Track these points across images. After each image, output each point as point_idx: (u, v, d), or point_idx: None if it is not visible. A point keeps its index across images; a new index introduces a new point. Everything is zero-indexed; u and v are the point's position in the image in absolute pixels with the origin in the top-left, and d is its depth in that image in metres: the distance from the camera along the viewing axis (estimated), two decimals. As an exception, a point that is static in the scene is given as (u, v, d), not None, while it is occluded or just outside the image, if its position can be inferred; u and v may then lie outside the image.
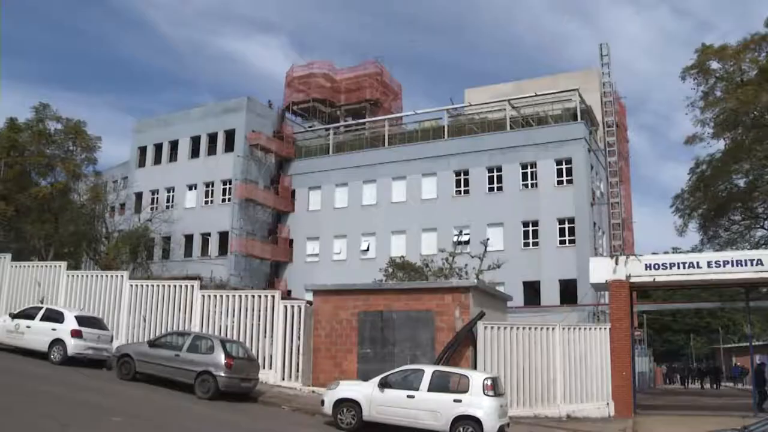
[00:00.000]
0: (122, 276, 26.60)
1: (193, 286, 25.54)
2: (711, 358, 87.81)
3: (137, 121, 62.08)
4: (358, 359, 23.27)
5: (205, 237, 54.56)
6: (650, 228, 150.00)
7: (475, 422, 16.27)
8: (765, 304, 44.22)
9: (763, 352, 60.96)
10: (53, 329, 21.85)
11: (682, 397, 41.54)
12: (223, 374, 19.38)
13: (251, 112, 55.32)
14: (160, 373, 20.23)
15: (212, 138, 55.86)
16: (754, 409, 25.80)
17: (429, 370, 17.66)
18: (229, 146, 54.73)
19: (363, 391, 17.50)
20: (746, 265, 24.74)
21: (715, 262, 25.18)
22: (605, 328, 25.26)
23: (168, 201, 56.42)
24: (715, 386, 54.57)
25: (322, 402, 18.00)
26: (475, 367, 21.90)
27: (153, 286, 26.15)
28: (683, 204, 38.36)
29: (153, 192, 57.29)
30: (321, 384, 21.99)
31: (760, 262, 24.73)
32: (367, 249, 51.58)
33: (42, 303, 24.75)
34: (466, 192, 49.61)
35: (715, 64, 35.17)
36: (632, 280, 25.55)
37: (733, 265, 24.87)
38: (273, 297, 24.74)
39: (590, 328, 25.65)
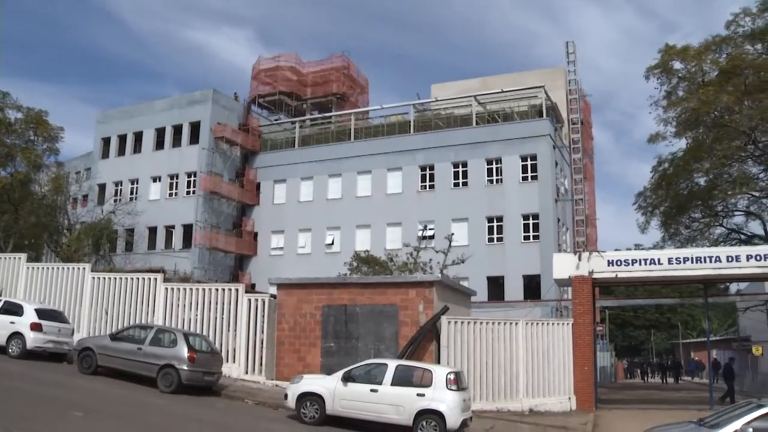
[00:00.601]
0: (84, 268, 26.35)
1: (156, 279, 25.35)
2: (671, 353, 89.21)
3: (101, 112, 61.33)
4: (322, 353, 23.25)
5: (169, 229, 54.16)
6: (613, 225, 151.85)
7: (437, 416, 16.33)
8: (722, 301, 45.08)
9: (720, 347, 62.03)
10: (12, 322, 21.62)
11: (642, 392, 42.14)
12: (186, 368, 19.30)
13: (217, 104, 54.95)
14: (122, 366, 20.08)
15: (177, 130, 55.42)
16: (711, 402, 26.27)
17: (392, 364, 17.69)
18: (195, 138, 54.34)
19: (326, 385, 17.48)
20: (705, 262, 25.22)
21: (676, 259, 25.63)
22: (568, 324, 25.54)
23: (132, 193, 55.94)
24: (675, 380, 55.36)
25: (286, 396, 17.94)
26: (438, 362, 22.00)
27: (115, 278, 25.93)
28: (645, 201, 38.79)
29: (116, 184, 56.74)
30: (284, 378, 21.95)
31: (718, 259, 25.22)
32: (332, 243, 51.54)
33: (0, 296, 24.44)
34: (432, 187, 49.75)
35: (677, 65, 35.62)
36: (595, 276, 25.88)
37: (692, 262, 25.33)
38: (237, 290, 24.63)
39: (553, 323, 25.90)
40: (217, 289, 24.98)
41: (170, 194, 54.94)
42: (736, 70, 32.47)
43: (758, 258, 24.96)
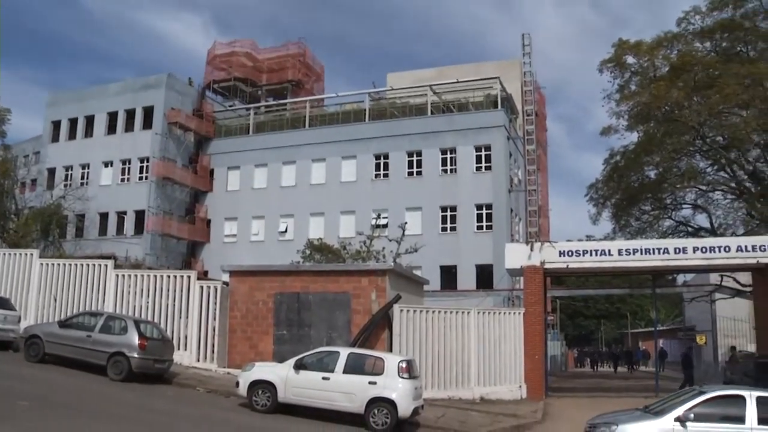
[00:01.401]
0: (32, 254, 25.87)
1: (106, 266, 25.05)
2: (620, 342, 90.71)
3: (51, 94, 60.08)
4: (274, 341, 23.23)
5: (121, 215, 53.43)
6: (566, 216, 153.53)
7: (389, 404, 16.45)
8: (670, 291, 45.95)
9: (667, 336, 63.37)
10: (-45, 309, 21.23)
11: (592, 380, 42.86)
12: (136, 355, 19.13)
13: (171, 89, 54.30)
14: (70, 354, 19.82)
15: (130, 114, 54.62)
16: (657, 389, 26.84)
17: (344, 352, 17.76)
18: (148, 123, 53.61)
19: (278, 373, 17.50)
20: (654, 253, 25.78)
21: (626, 250, 26.16)
22: (519, 313, 25.90)
23: (82, 178, 54.96)
24: (629, 369, 56.07)
25: (237, 384, 17.92)
26: (390, 350, 22.11)
27: (65, 264, 25.53)
28: (597, 193, 39.29)
29: (67, 168, 55.76)
30: (236, 365, 21.88)
31: (666, 251, 25.78)
32: (285, 230, 51.38)
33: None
34: (386, 176, 49.84)
35: (630, 59, 36.07)
36: (546, 266, 26.26)
37: (642, 254, 25.87)
38: (189, 277, 24.47)
39: (505, 313, 26.23)
40: (168, 276, 24.77)
41: (122, 180, 54.17)
42: (686, 66, 33.04)
43: (704, 250, 25.59)
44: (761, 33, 33.11)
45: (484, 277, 44.80)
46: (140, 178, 53.20)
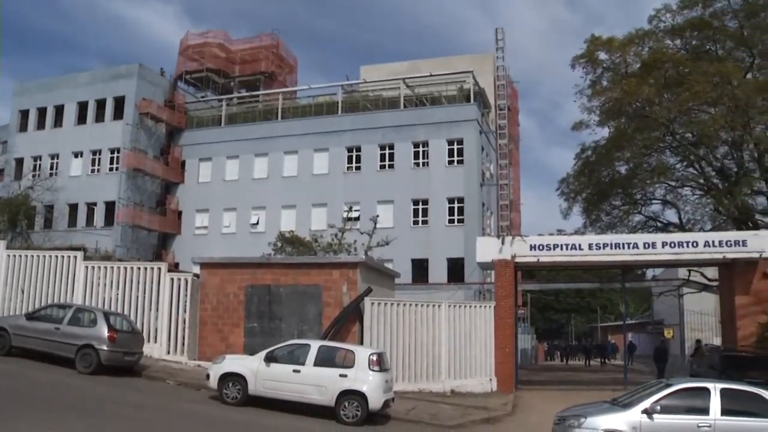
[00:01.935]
0: (-1, 245, 25.64)
1: (76, 257, 24.87)
2: (590, 336, 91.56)
3: (18, 83, 59.15)
4: (245, 333, 23.23)
5: (91, 207, 52.91)
6: (537, 210, 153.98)
7: (360, 397, 16.53)
8: (639, 286, 46.45)
9: (636, 330, 64.07)
10: None
11: (562, 373, 43.24)
12: (105, 348, 19.03)
13: (142, 79, 53.77)
14: (38, 347, 19.68)
15: (100, 104, 53.98)
16: (625, 382, 27.15)
17: (315, 344, 17.80)
18: (118, 114, 53.03)
19: (249, 366, 17.49)
20: (623, 248, 26.12)
21: (596, 245, 26.47)
22: (490, 306, 26.11)
23: (51, 168, 54.22)
24: (602, 363, 56.41)
25: (208, 376, 17.88)
26: (361, 343, 22.21)
27: (33, 256, 25.29)
28: (568, 188, 39.43)
29: (35, 158, 54.97)
30: (207, 358, 21.86)
31: (635, 246, 26.12)
32: (257, 223, 51.21)
33: None
34: (358, 168, 49.80)
35: (603, 55, 36.22)
36: (517, 260, 26.49)
37: (612, 248, 26.20)
38: (159, 269, 24.40)
39: (475, 306, 26.45)
40: (139, 268, 24.70)
41: (92, 170, 53.59)
42: (657, 63, 33.30)
43: (672, 245, 25.96)
44: (729, 32, 33.47)
45: (456, 270, 44.96)
46: (111, 169, 52.63)
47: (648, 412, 12.89)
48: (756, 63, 33.25)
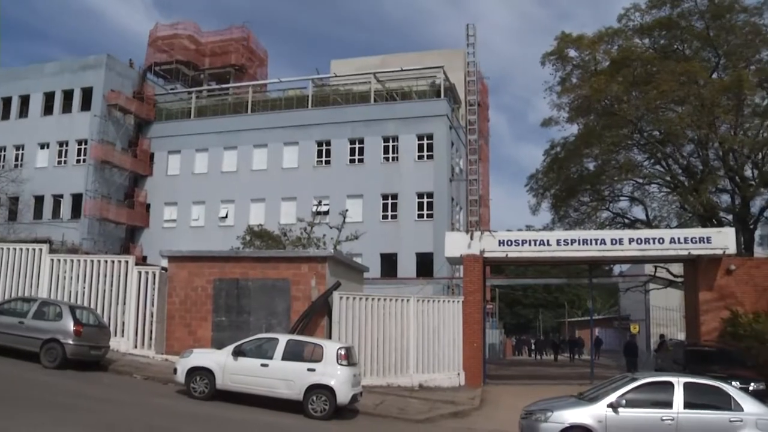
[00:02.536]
0: (-38, 237, 25.29)
1: (41, 250, 24.59)
2: (557, 330, 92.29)
3: (-18, 72, 58.35)
4: (213, 327, 23.12)
5: (57, 199, 52.33)
6: (506, 206, 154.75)
7: (328, 391, 16.54)
8: (606, 281, 46.88)
9: (603, 325, 64.69)
10: None
11: (529, 368, 43.53)
12: (71, 342, 18.79)
13: (111, 70, 53.22)
14: (2, 341, 19.30)
15: (68, 95, 53.37)
16: (591, 377, 27.39)
17: (283, 338, 17.77)
18: (86, 105, 52.48)
19: (217, 360, 17.41)
20: (591, 244, 26.34)
21: (564, 241, 26.67)
22: (458, 301, 26.23)
23: (17, 159, 53.44)
24: (571, 358, 56.64)
25: (175, 370, 17.78)
26: (330, 337, 22.19)
27: (-4, 248, 24.99)
28: (537, 184, 39.69)
29: (-1, 149, 54.34)
30: (175, 352, 21.72)
31: (603, 242, 26.36)
32: (226, 216, 51.00)
33: None
34: (328, 162, 49.77)
35: (572, 52, 36.50)
36: (486, 255, 26.60)
37: (579, 244, 26.41)
38: (127, 262, 24.21)
39: (444, 301, 26.54)
40: (106, 261, 24.46)
41: (59, 162, 53.00)
42: (626, 61, 33.63)
43: (639, 241, 26.24)
44: (696, 33, 33.90)
45: (424, 265, 45.13)
46: (78, 161, 52.10)
47: (613, 406, 13.06)
48: (721, 63, 33.74)
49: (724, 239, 25.62)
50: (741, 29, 32.59)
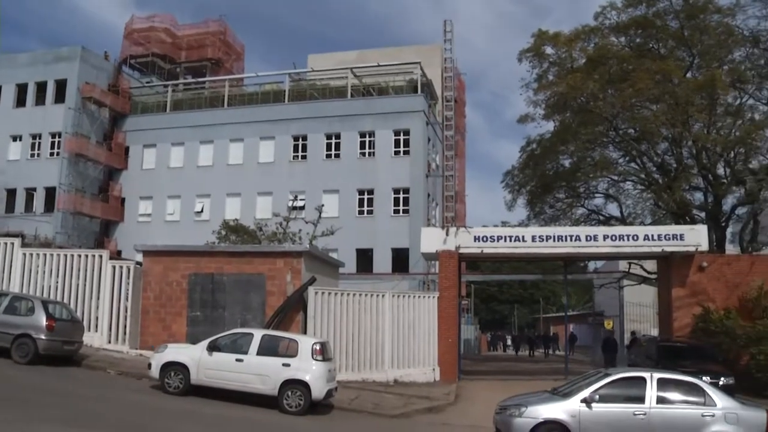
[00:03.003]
0: (-68, 231, 24.98)
1: (13, 244, 24.36)
2: (532, 326, 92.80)
3: (-49, 63, 57.50)
4: (188, 322, 23.03)
5: (30, 192, 51.77)
6: (482, 202, 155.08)
7: (303, 386, 16.52)
8: (581, 277, 47.19)
9: (577, 321, 65.08)
10: None
11: (504, 363, 43.76)
12: (43, 337, 18.60)
13: (85, 62, 52.71)
14: (-28, 337, 19.16)
15: (41, 87, 52.76)
16: (566, 372, 27.61)
17: (258, 333, 17.74)
18: (60, 97, 51.95)
19: (191, 355, 17.34)
20: (566, 240, 26.54)
21: (539, 237, 26.83)
22: (434, 297, 26.30)
23: (-13, 152, 52.94)
24: (546, 353, 56.87)
25: (149, 365, 17.68)
26: (305, 332, 22.21)
27: (-33, 242, 24.71)
28: (513, 180, 39.76)
29: (-30, 141, 53.60)
30: (149, 347, 21.63)
31: (578, 238, 26.57)
32: (202, 210, 50.77)
33: None
34: (304, 157, 49.68)
35: (549, 50, 36.55)
36: (461, 251, 26.71)
37: (554, 240, 26.59)
38: (101, 257, 24.05)
39: (419, 296, 26.62)
40: (80, 256, 24.28)
41: (32, 155, 52.39)
42: (602, 59, 33.79)
43: (613, 238, 26.47)
44: (671, 32, 34.12)
45: (400, 260, 45.22)
46: (51, 154, 51.57)
47: (587, 401, 13.21)
48: (695, 63, 33.99)
49: (696, 236, 25.89)
50: (714, 30, 32.86)
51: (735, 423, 12.98)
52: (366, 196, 47.55)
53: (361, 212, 47.45)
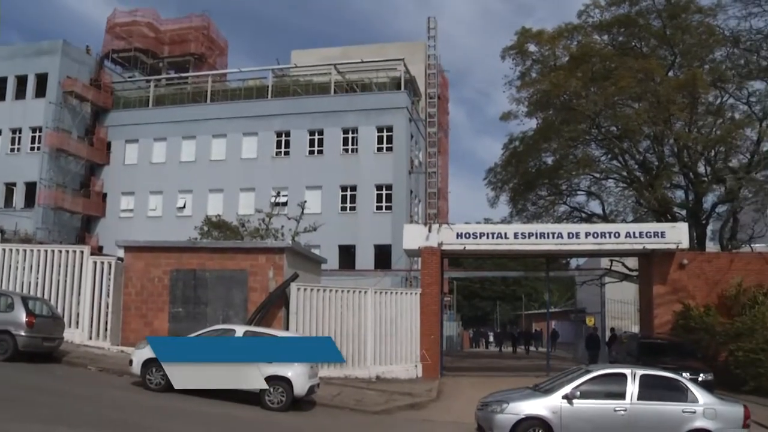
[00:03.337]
0: None
1: (-7, 239, 24.21)
2: (515, 323, 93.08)
3: (-71, 55, 56.86)
4: (170, 318, 22.97)
5: (10, 187, 51.40)
6: (464, 199, 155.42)
7: (285, 382, 16.49)
8: (563, 274, 47.37)
9: (559, 318, 65.36)
10: None
11: (486, 360, 43.91)
12: (23, 333, 18.45)
13: (67, 56, 52.30)
14: (-50, 334, 18.95)
15: (21, 81, 52.32)
16: (548, 369, 27.73)
17: (240, 329, 17.72)
18: (41, 91, 51.53)
19: (173, 351, 17.28)
20: (548, 237, 26.63)
21: (521, 234, 26.90)
22: (416, 293, 26.32)
23: (-34, 146, 52.43)
24: (526, 350, 56.93)
25: (131, 362, 17.56)
26: (287, 328, 22.20)
27: (-54, 237, 24.53)
28: (496, 177, 39.80)
29: (-52, 135, 53.07)
30: (130, 343, 21.47)
31: (560, 236, 26.67)
32: (184, 206, 50.60)
33: None
34: (287, 153, 49.62)
35: (532, 47, 36.64)
36: (444, 247, 26.75)
37: (536, 237, 26.68)
38: (82, 252, 23.91)
39: (401, 293, 26.64)
40: (60, 251, 24.12)
41: (12, 149, 51.98)
42: (585, 57, 33.90)
43: (595, 235, 26.58)
44: (653, 31, 34.29)
45: (383, 257, 45.28)
46: (32, 149, 51.18)
47: (568, 398, 13.30)
48: (677, 61, 34.17)
49: (677, 234, 26.06)
50: (696, 29, 33.07)
51: (713, 418, 13.13)
52: (349, 193, 47.55)
53: (343, 209, 47.45)
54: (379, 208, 46.76)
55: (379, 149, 47.67)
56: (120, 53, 58.38)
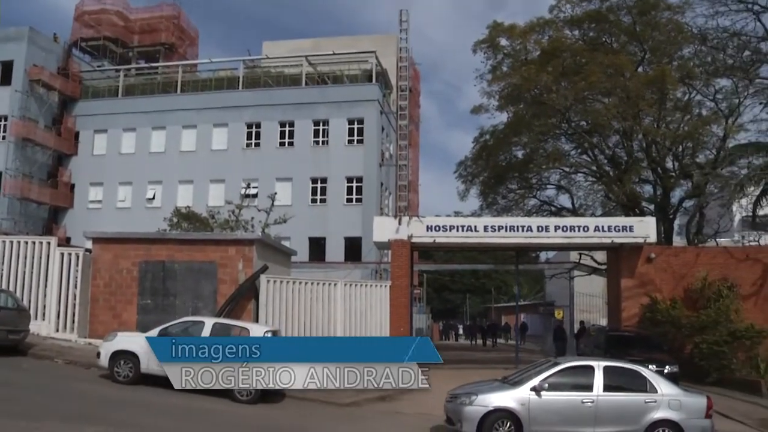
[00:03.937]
0: None
1: (-43, 230, 23.85)
2: (484, 316, 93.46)
3: None
4: (138, 310, 22.79)
5: (-25, 177, 50.68)
6: (435, 192, 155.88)
7: (254, 374, 16.44)
8: (532, 268, 47.69)
9: (529, 311, 65.71)
10: None
11: (455, 352, 43.96)
12: (-13, 325, 18.27)
13: (33, 44, 51.47)
14: None
15: (-14, 68, 51.61)
16: (516, 361, 27.90)
17: (209, 322, 17.64)
18: (6, 79, 50.61)
19: (141, 343, 17.08)
20: (518, 231, 26.75)
21: (491, 227, 26.99)
22: (386, 286, 26.35)
23: (-72, 136, 51.49)
24: (493, 343, 57.10)
25: (98, 354, 17.43)
26: (256, 320, 22.12)
27: None
28: (466, 171, 39.96)
29: None
30: (98, 336, 21.27)
31: (529, 229, 26.79)
32: (153, 197, 50.19)
33: None
34: (257, 145, 49.39)
35: (504, 41, 36.79)
36: (414, 240, 26.78)
37: (506, 231, 26.78)
38: (49, 243, 23.60)
39: (371, 285, 26.68)
40: (26, 242, 23.78)
41: (-24, 139, 51.25)
42: (556, 52, 34.09)
43: (565, 229, 26.77)
44: (623, 27, 34.57)
45: (353, 249, 45.27)
46: (-3, 138, 50.47)
47: (536, 390, 13.43)
48: (646, 58, 34.51)
49: (645, 228, 26.36)
50: (665, 26, 33.42)
51: (678, 409, 13.37)
52: (319, 185, 47.47)
53: (314, 201, 47.37)
54: (349, 200, 46.75)
55: (350, 141, 47.62)
56: (89, 42, 57.64)
